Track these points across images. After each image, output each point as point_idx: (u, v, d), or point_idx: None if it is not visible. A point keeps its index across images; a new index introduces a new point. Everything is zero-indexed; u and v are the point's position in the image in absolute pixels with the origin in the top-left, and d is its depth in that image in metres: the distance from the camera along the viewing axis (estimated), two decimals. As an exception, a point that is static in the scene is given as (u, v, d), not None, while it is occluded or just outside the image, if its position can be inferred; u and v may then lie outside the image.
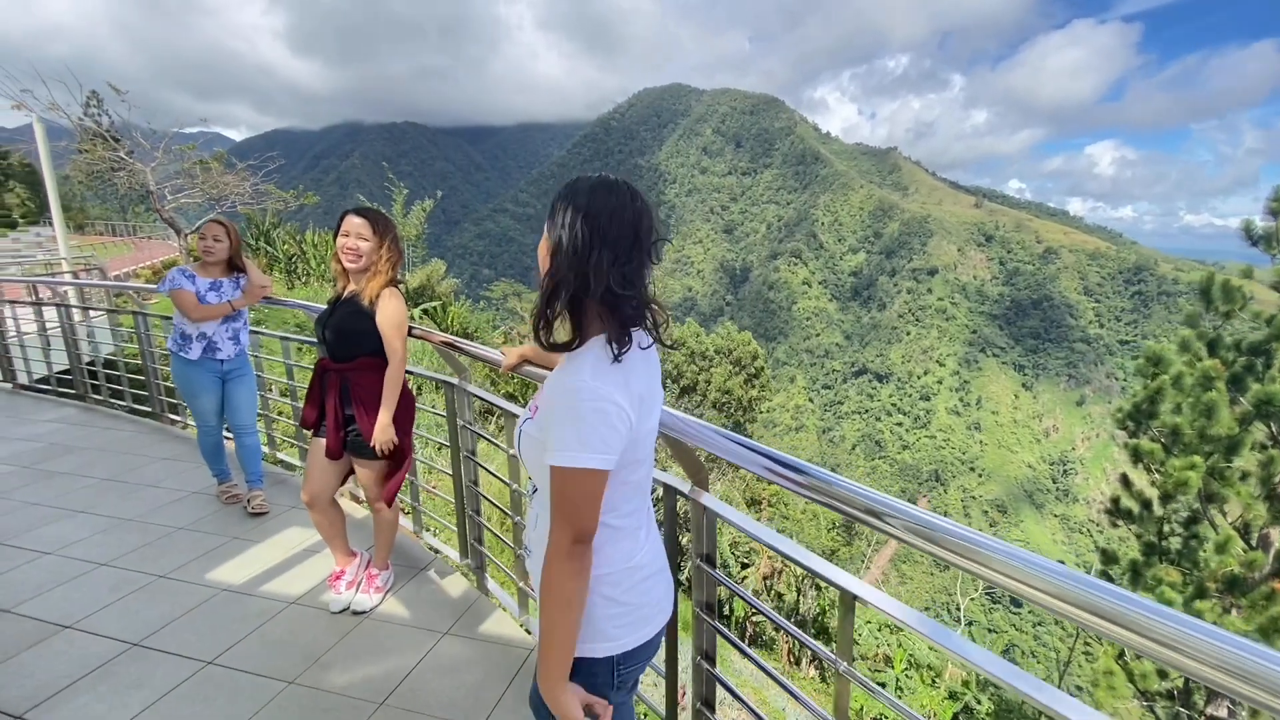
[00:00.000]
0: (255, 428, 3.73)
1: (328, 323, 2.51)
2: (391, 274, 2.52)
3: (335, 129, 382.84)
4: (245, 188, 17.42)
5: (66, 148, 17.22)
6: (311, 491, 2.58)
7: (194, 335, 3.50)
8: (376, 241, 2.47)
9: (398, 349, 2.47)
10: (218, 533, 3.35)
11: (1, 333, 6.65)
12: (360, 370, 2.50)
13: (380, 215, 2.52)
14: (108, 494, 3.86)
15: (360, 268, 2.47)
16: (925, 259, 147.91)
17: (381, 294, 2.47)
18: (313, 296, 17.18)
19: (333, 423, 2.49)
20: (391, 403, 2.47)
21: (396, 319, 2.47)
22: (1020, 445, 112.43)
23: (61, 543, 3.24)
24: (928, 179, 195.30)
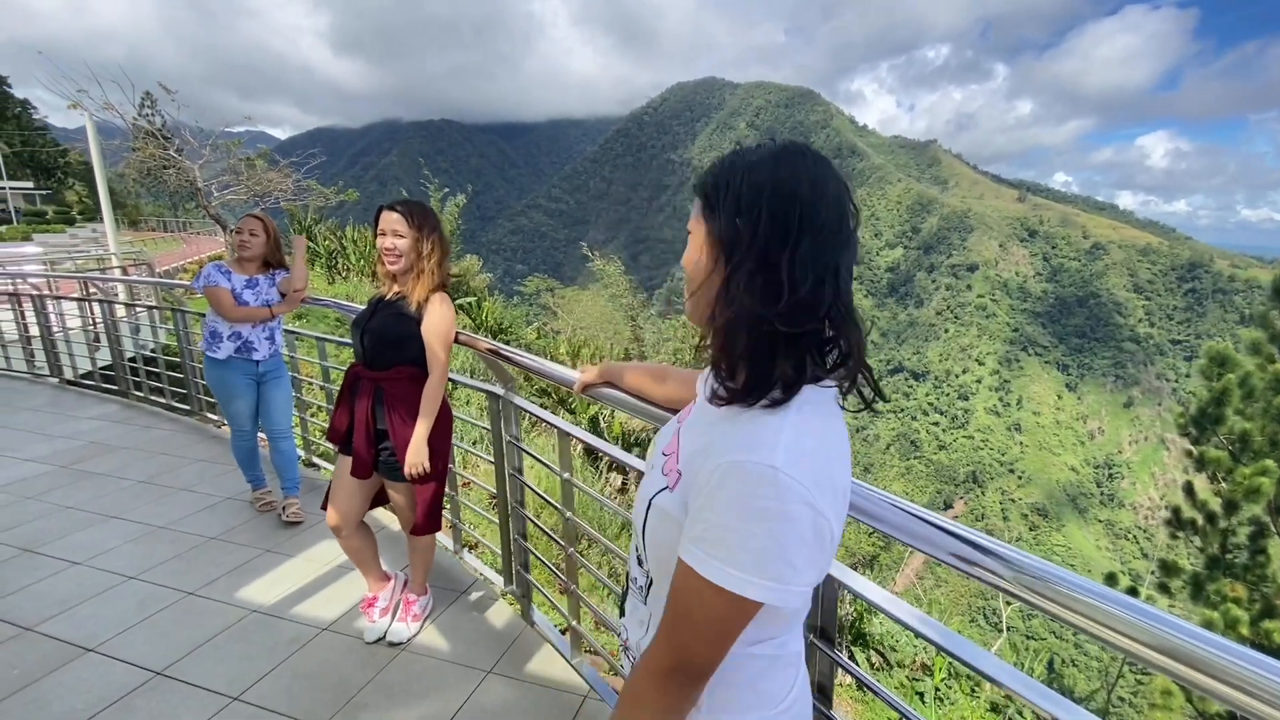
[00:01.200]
0: (291, 432, 3.55)
1: (366, 326, 2.26)
2: (440, 275, 2.26)
3: (375, 127, 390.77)
4: (288, 184, 17.72)
5: (120, 146, 17.70)
6: (338, 514, 2.36)
7: (225, 334, 3.33)
8: (414, 236, 2.21)
9: (441, 360, 2.23)
10: (250, 544, 3.17)
11: (49, 328, 6.69)
12: (397, 380, 2.25)
13: (417, 206, 2.26)
14: (142, 497, 3.74)
15: (402, 268, 2.23)
16: (965, 255, 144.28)
17: (430, 298, 2.23)
18: (352, 293, 17.32)
19: (363, 437, 2.25)
20: (429, 419, 2.22)
21: (443, 327, 2.23)
22: (1063, 447, 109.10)
23: (92, 551, 3.11)
24: (969, 172, 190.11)
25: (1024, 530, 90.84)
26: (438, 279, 2.26)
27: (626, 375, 1.50)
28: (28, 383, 6.69)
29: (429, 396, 2.22)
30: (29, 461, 4.35)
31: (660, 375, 1.42)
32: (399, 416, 2.24)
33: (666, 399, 1.39)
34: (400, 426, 2.23)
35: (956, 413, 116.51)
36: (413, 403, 2.24)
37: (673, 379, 1.38)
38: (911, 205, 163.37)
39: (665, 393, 1.39)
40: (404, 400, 2.25)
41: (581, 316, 21.51)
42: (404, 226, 2.20)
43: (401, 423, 2.24)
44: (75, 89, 15.30)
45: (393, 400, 2.25)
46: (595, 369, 1.59)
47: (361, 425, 2.24)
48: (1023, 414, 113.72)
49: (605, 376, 1.56)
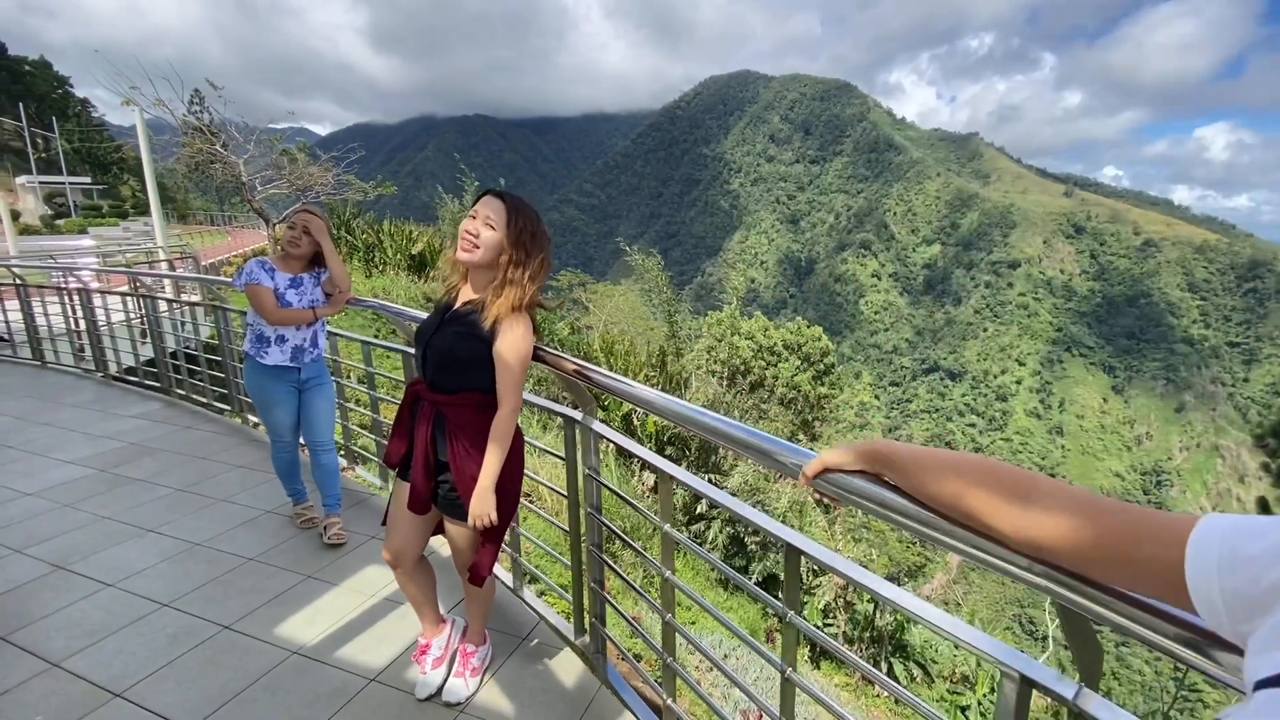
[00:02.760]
0: (333, 444, 3.30)
1: (431, 339, 1.94)
2: (528, 294, 1.87)
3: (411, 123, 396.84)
4: (328, 179, 17.89)
5: (169, 141, 18.07)
6: (395, 548, 2.07)
7: (272, 337, 3.09)
8: (506, 238, 1.86)
9: (515, 390, 1.88)
10: (290, 569, 2.93)
11: (95, 322, 6.65)
12: (462, 407, 1.93)
13: (528, 210, 1.91)
14: (179, 508, 3.55)
15: (476, 261, 1.87)
16: (1006, 251, 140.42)
17: (510, 317, 1.86)
18: (389, 286, 17.35)
19: (421, 468, 1.94)
20: (497, 459, 1.87)
21: (521, 352, 1.86)
22: (1108, 453, 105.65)
23: (124, 571, 2.90)
24: (1012, 166, 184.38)
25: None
26: (524, 297, 1.87)
27: (925, 470, 0.84)
28: (75, 377, 6.67)
29: (499, 432, 1.87)
30: (70, 464, 4.22)
31: (1017, 487, 0.75)
32: (462, 448, 1.92)
33: (1031, 541, 0.73)
34: (463, 460, 1.92)
35: (994, 414, 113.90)
36: (479, 433, 1.91)
37: (1054, 501, 0.71)
38: (950, 200, 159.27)
39: (1029, 526, 0.72)
40: (469, 430, 1.92)
41: (613, 312, 21.27)
42: (500, 219, 1.86)
43: (465, 455, 1.92)
44: (129, 87, 15.63)
45: (456, 429, 1.92)
46: (846, 448, 0.94)
47: (420, 454, 1.93)
48: (1065, 417, 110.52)
49: (871, 461, 0.92)
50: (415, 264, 20.22)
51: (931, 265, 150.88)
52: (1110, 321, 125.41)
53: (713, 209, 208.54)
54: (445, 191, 25.47)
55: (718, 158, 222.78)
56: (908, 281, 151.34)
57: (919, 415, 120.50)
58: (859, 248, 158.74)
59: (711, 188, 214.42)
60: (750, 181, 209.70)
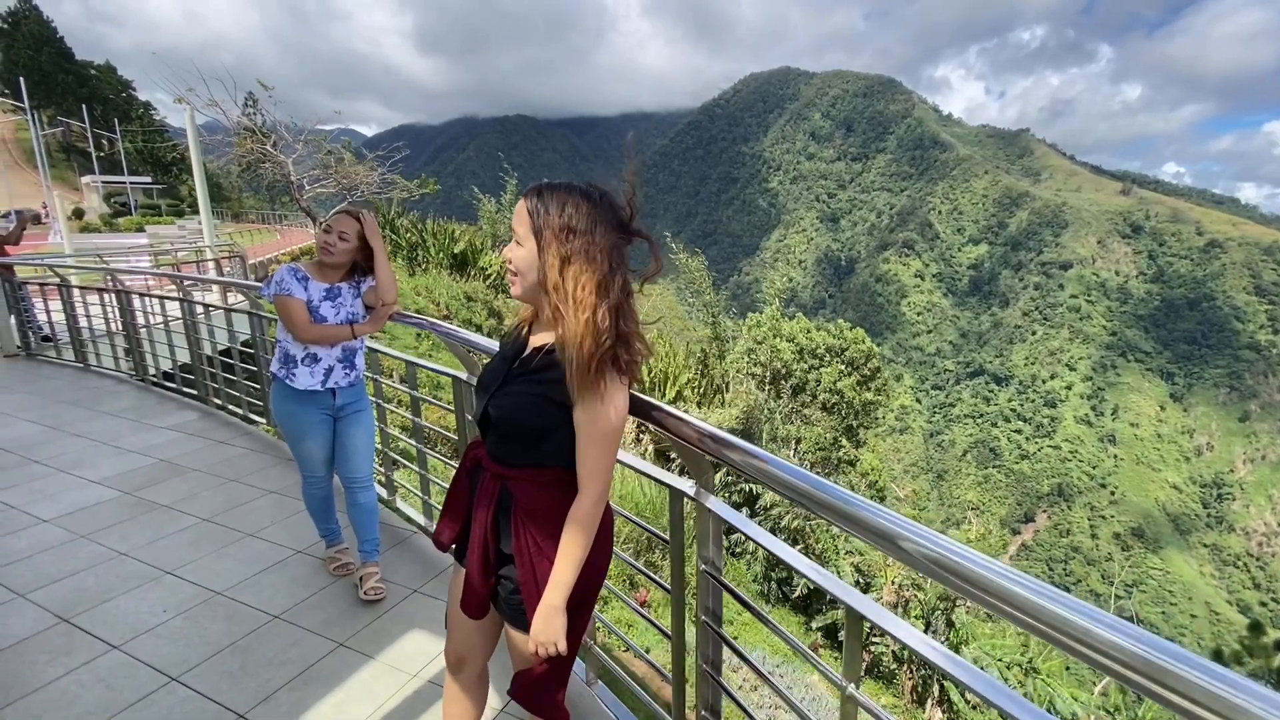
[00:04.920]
0: (372, 480, 2.87)
1: (496, 394, 1.43)
2: (602, 322, 1.26)
3: (453, 123, 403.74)
4: (374, 178, 17.93)
5: (223, 141, 18.36)
6: (456, 653, 1.60)
7: (301, 357, 2.66)
8: (546, 243, 1.29)
9: (599, 478, 1.35)
10: (320, 632, 2.50)
11: (134, 325, 6.45)
12: (534, 485, 1.42)
13: (553, 191, 1.32)
14: (203, 544, 3.18)
15: (520, 296, 1.38)
16: (1058, 252, 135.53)
17: (599, 376, 1.28)
18: (431, 284, 17.22)
19: (479, 559, 1.44)
20: (570, 569, 1.35)
21: (607, 429, 1.31)
22: (1164, 463, 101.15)
23: (133, 628, 2.51)
24: (1064, 163, 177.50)
25: (1114, 550, 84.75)
26: (597, 336, 1.26)
27: None
28: (115, 381, 6.50)
29: (577, 526, 1.35)
30: (95, 484, 3.92)
31: None
32: (531, 539, 1.41)
33: None
34: (531, 555, 1.41)
35: (1042, 420, 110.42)
36: (555, 521, 1.39)
37: None
38: (999, 199, 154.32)
39: None
40: (542, 517, 1.41)
41: (650, 312, 20.86)
42: (525, 226, 1.32)
43: (534, 550, 1.41)
44: (185, 89, 15.86)
45: (524, 515, 1.42)
46: None
47: (478, 542, 1.44)
48: (1118, 425, 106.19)
49: None
50: (457, 263, 20.13)
51: (978, 266, 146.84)
52: (1169, 326, 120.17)
53: (750, 207, 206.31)
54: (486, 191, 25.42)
55: (756, 156, 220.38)
56: (952, 282, 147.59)
57: (962, 420, 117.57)
58: (902, 247, 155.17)
59: (750, 186, 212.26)
60: (790, 180, 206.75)
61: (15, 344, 7.53)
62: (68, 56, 66.52)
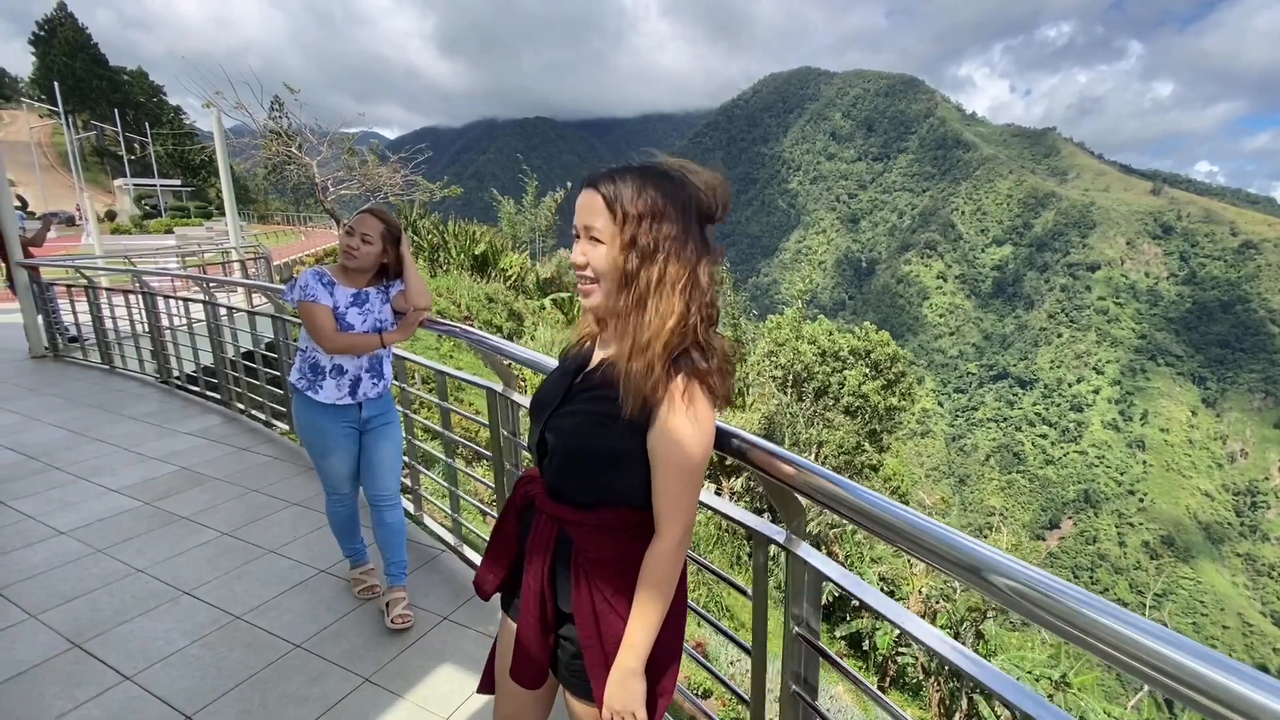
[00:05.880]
0: (399, 497, 2.68)
1: (554, 415, 1.20)
2: (691, 323, 1.08)
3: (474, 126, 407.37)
4: (397, 179, 17.98)
5: (249, 144, 18.55)
6: (505, 717, 1.39)
7: (328, 368, 2.49)
8: (619, 246, 1.09)
9: (682, 514, 1.12)
10: (344, 664, 2.32)
11: (159, 327, 6.39)
12: (600, 531, 1.17)
13: (639, 179, 1.10)
14: (223, 561, 3.02)
15: (599, 308, 1.16)
16: (1085, 253, 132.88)
17: (676, 386, 1.07)
18: (452, 285, 17.16)
19: (535, 619, 1.21)
20: (650, 625, 1.12)
21: (692, 451, 1.08)
22: (1195, 470, 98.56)
23: (147, 656, 2.35)
24: (1092, 162, 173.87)
25: (1143, 559, 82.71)
26: (679, 339, 1.08)
27: None
28: (140, 384, 6.44)
29: (657, 576, 1.12)
30: (115, 493, 3.80)
31: None
32: (597, 594, 1.16)
33: None
34: (598, 613, 1.16)
35: (1068, 425, 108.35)
36: (624, 573, 1.16)
37: None
38: (1024, 199, 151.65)
39: None
40: (609, 568, 1.17)
41: None
42: (604, 219, 1.09)
43: (601, 606, 1.16)
44: (214, 92, 16.01)
45: (588, 566, 1.17)
46: None
47: (533, 599, 1.20)
48: (1148, 430, 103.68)
49: None
50: (478, 264, 20.08)
51: (1002, 267, 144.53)
52: (1201, 329, 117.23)
53: (770, 208, 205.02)
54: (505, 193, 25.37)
55: (776, 156, 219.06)
56: (975, 284, 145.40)
57: (985, 424, 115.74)
58: (923, 248, 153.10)
59: (769, 187, 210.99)
60: (809, 180, 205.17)
61: (43, 345, 7.54)
62: (101, 62, 68.12)
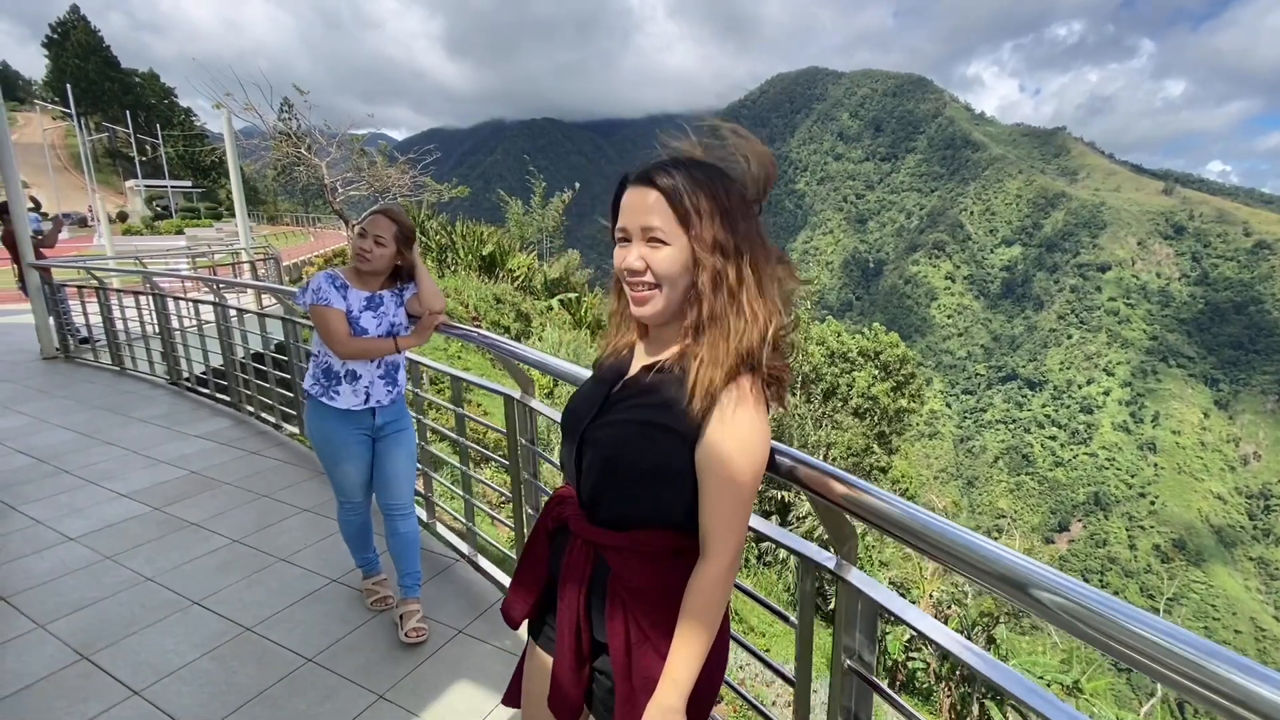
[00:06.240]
0: (413, 507, 2.61)
1: (589, 427, 1.11)
2: (768, 327, 1.01)
3: (482, 127, 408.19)
4: (406, 180, 17.98)
5: (259, 145, 18.60)
6: None
7: (341, 374, 2.42)
8: (699, 243, 1.01)
9: (732, 534, 1.02)
10: (357, 680, 2.25)
11: (169, 328, 6.36)
12: (641, 557, 1.08)
13: (704, 174, 1.04)
14: (233, 569, 2.96)
15: (660, 315, 1.05)
16: (1095, 253, 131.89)
17: (732, 387, 0.99)
18: (459, 286, 17.14)
19: (570, 651, 1.11)
20: (694, 659, 1.02)
21: (750, 460, 0.99)
22: (1208, 473, 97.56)
23: (156, 669, 2.29)
24: (1103, 162, 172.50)
25: (1154, 563, 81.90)
26: (756, 343, 1.00)
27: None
28: (150, 385, 6.41)
29: (703, 605, 1.02)
30: (124, 498, 3.75)
31: None
32: (634, 626, 1.07)
33: None
34: (634, 646, 1.06)
35: (1077, 427, 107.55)
36: (663, 598, 1.06)
37: None
38: (1033, 199, 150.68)
39: None
40: (650, 597, 1.07)
41: None
42: (666, 218, 1.00)
43: (639, 639, 1.06)
44: (224, 93, 16.05)
45: (627, 595, 1.07)
46: None
47: (568, 630, 1.12)
48: (1159, 432, 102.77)
49: None
50: (485, 264, 20.07)
51: (1011, 268, 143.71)
52: (1214, 330, 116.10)
53: (776, 208, 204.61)
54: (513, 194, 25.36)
55: (783, 156, 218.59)
56: (984, 285, 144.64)
57: (994, 425, 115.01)
58: (931, 249, 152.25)
59: (776, 187, 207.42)
60: (816, 181, 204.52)
61: (55, 346, 7.53)
62: (113, 65, 68.72)
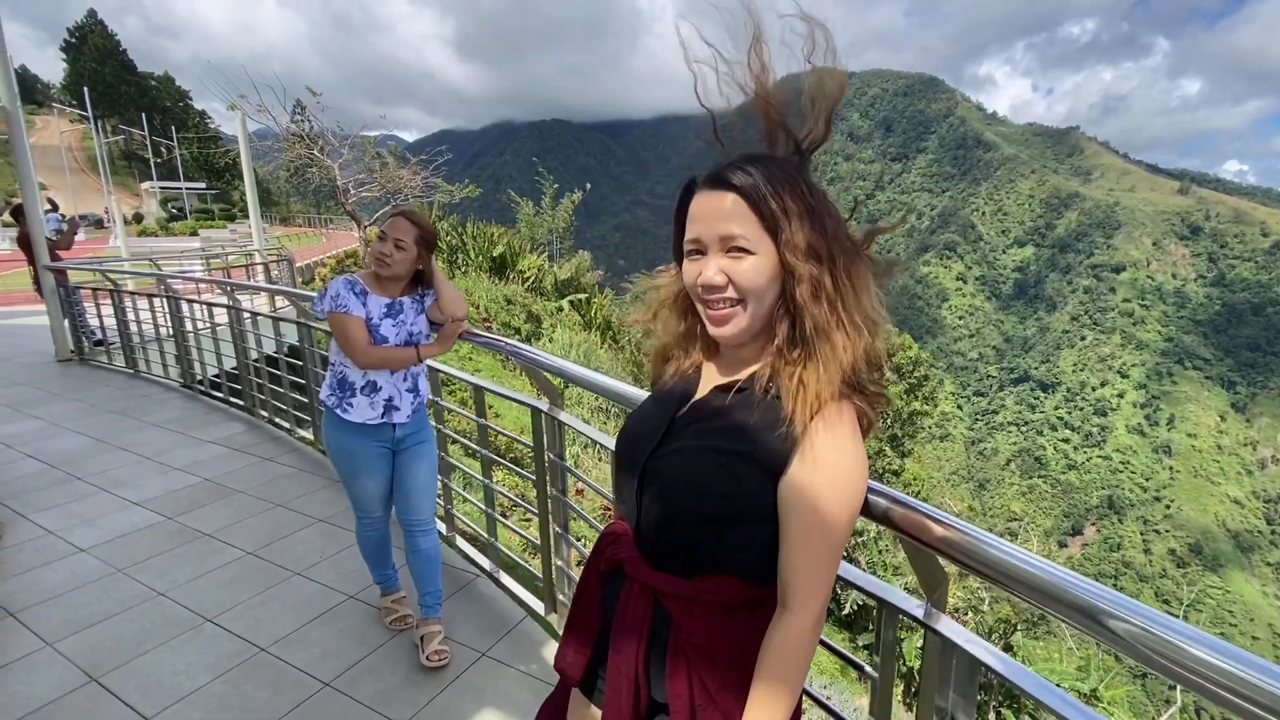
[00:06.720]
0: (434, 523, 2.49)
1: (652, 459, 0.96)
2: (873, 336, 0.90)
3: (491, 128, 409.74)
4: (417, 181, 17.99)
5: (273, 147, 18.66)
6: None
7: (359, 384, 2.31)
8: (797, 240, 0.88)
9: (819, 589, 0.87)
10: (378, 708, 2.13)
11: (183, 331, 6.31)
12: (705, 605, 0.93)
13: (775, 168, 0.95)
14: (247, 584, 2.86)
15: (745, 335, 0.92)
16: (1109, 254, 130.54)
17: (827, 412, 0.85)
18: (470, 287, 17.09)
19: (625, 706, 0.96)
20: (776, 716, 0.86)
21: (850, 505, 0.85)
22: (1224, 477, 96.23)
23: (168, 693, 2.18)
24: (1117, 162, 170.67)
25: (1170, 567, 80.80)
26: (855, 355, 0.87)
27: None
28: (164, 389, 6.36)
29: (785, 663, 0.87)
30: (137, 507, 3.67)
31: None
32: (699, 686, 0.92)
33: None
34: (700, 704, 0.91)
35: (1091, 429, 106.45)
36: (734, 657, 0.92)
37: None
38: (1046, 199, 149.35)
39: None
40: (716, 655, 0.93)
41: None
42: (750, 223, 0.89)
43: (704, 700, 0.91)
44: (238, 95, 16.11)
45: (692, 652, 0.93)
46: None
47: (625, 685, 0.96)
48: (1174, 435, 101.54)
49: None
50: (496, 265, 20.02)
51: (1023, 268, 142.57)
52: (1231, 331, 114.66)
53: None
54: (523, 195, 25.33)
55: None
56: (996, 286, 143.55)
57: (1006, 428, 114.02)
58: (942, 249, 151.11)
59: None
60: (825, 181, 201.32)
61: (69, 348, 7.51)
62: (130, 68, 69.48)
